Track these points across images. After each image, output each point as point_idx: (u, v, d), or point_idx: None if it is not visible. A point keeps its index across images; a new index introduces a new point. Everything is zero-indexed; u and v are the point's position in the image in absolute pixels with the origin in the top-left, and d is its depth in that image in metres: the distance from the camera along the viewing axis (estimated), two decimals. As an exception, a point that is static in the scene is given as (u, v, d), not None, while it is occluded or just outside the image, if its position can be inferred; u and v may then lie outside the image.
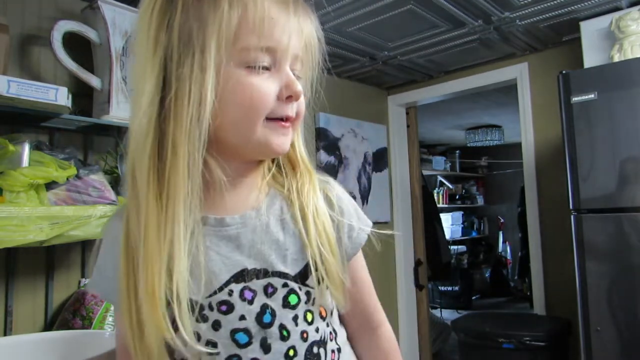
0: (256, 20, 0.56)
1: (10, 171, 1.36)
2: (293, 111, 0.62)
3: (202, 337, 0.58)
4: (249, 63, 0.57)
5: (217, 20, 0.56)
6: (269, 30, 0.58)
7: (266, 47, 0.58)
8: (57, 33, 1.59)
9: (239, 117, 0.58)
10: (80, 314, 1.57)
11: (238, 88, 0.57)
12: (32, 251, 1.64)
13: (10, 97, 1.37)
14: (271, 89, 0.59)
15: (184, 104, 0.55)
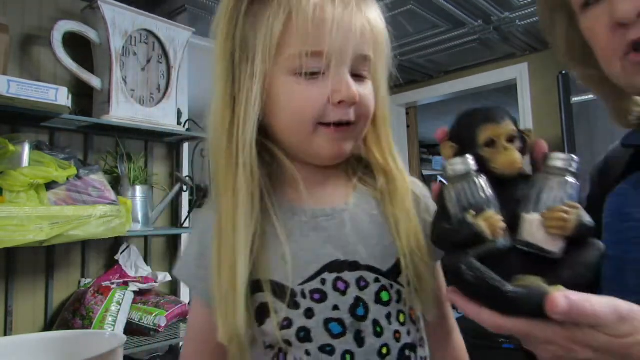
0: (300, 26, 0.56)
1: (10, 171, 1.36)
2: (349, 115, 0.59)
3: (294, 323, 0.58)
4: (296, 70, 0.57)
5: (262, 30, 0.58)
6: (316, 34, 0.56)
7: (312, 52, 0.56)
8: (57, 33, 1.59)
9: (288, 124, 0.60)
10: (80, 314, 1.57)
11: (284, 95, 0.59)
12: (32, 251, 1.64)
13: (10, 97, 1.37)
14: (316, 95, 0.57)
15: (241, 108, 0.59)
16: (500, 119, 0.51)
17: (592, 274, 0.45)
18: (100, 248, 1.82)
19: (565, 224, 0.45)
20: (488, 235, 0.45)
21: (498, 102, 3.91)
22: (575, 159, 0.48)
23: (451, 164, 0.49)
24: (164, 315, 1.65)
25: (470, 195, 0.47)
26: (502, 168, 0.49)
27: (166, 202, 1.93)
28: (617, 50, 0.53)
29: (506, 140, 0.50)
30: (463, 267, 0.45)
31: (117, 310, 1.58)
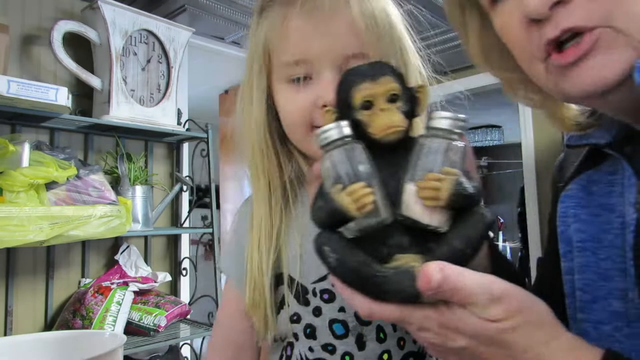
0: (283, 35, 0.59)
1: (10, 171, 1.36)
2: None
3: (302, 319, 0.61)
4: (288, 77, 0.60)
5: (254, 40, 0.63)
6: (297, 42, 0.58)
7: (294, 60, 0.58)
8: (57, 33, 1.59)
9: (288, 128, 0.63)
10: (80, 314, 1.57)
11: (281, 102, 0.62)
12: (32, 251, 1.64)
13: (11, 97, 1.37)
14: (304, 100, 0.59)
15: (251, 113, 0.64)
16: (378, 75, 0.44)
17: (472, 248, 0.40)
18: (100, 248, 1.82)
19: (438, 194, 0.39)
20: (352, 211, 0.39)
21: (498, 102, 3.91)
22: (461, 117, 0.42)
23: (322, 130, 0.43)
24: (164, 315, 1.65)
25: (341, 166, 0.42)
26: (378, 132, 0.43)
27: (166, 202, 1.93)
28: (536, 51, 0.45)
29: (387, 101, 0.44)
30: (325, 249, 0.41)
31: (117, 310, 1.58)
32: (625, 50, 0.40)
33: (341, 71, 0.58)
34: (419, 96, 0.46)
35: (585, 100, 0.47)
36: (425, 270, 0.37)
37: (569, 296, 0.51)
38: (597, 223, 0.50)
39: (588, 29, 0.40)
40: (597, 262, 0.49)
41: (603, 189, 0.51)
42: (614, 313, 0.46)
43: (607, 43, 0.40)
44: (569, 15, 0.41)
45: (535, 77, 0.48)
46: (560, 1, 0.41)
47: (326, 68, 0.58)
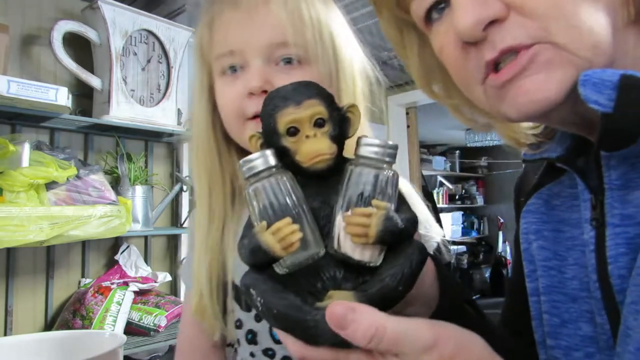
0: (213, 30, 0.62)
1: (10, 171, 1.36)
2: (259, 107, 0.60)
3: (244, 325, 0.62)
4: (223, 70, 0.62)
5: (195, 36, 0.66)
6: (227, 34, 0.60)
7: (227, 50, 0.60)
8: (57, 33, 1.59)
9: (225, 123, 0.64)
10: (80, 314, 1.57)
11: (218, 95, 0.63)
12: (32, 251, 1.64)
13: (11, 97, 1.37)
14: (234, 91, 0.61)
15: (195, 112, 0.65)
16: (303, 98, 0.41)
17: (404, 285, 0.38)
18: (100, 248, 1.82)
19: (366, 231, 0.37)
20: (277, 251, 0.37)
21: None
22: (390, 144, 0.40)
23: (246, 161, 0.40)
24: (164, 315, 1.65)
25: (266, 200, 0.39)
26: (305, 161, 0.40)
27: (166, 202, 1.93)
28: (474, 73, 0.42)
29: (313, 125, 0.41)
30: (252, 292, 0.38)
31: (117, 310, 1.58)
32: (565, 67, 0.37)
33: (269, 60, 0.60)
34: (350, 116, 0.43)
35: (528, 119, 0.45)
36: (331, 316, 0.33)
37: (535, 319, 0.49)
38: (561, 240, 0.47)
39: (525, 46, 0.38)
40: (564, 281, 0.46)
41: (565, 203, 0.48)
42: (585, 337, 0.44)
43: (546, 59, 0.37)
44: (505, 34, 0.38)
45: (476, 100, 0.45)
46: (494, 21, 0.38)
47: (253, 57, 0.59)
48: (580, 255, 0.45)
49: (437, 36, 0.45)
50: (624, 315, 0.37)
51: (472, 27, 0.38)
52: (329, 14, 0.65)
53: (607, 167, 0.40)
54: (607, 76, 0.35)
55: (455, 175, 6.21)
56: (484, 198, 6.55)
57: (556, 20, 0.37)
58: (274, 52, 0.60)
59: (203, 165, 0.64)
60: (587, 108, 0.36)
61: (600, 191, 0.41)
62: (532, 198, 0.51)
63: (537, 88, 0.38)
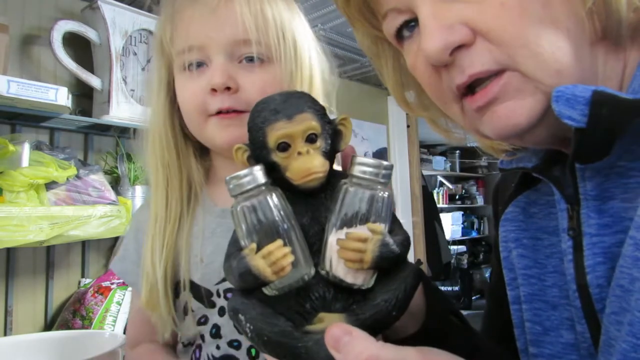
0: (176, 25, 0.61)
1: (10, 171, 1.36)
2: (226, 103, 0.59)
3: (210, 320, 0.61)
4: (183, 65, 0.61)
5: (155, 37, 0.65)
6: (189, 30, 0.60)
7: (189, 46, 0.60)
8: (57, 33, 1.59)
9: (185, 117, 0.63)
10: (80, 314, 1.57)
11: (179, 91, 0.63)
12: (32, 251, 1.64)
13: (10, 97, 1.37)
14: (197, 86, 0.60)
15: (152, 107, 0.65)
16: (295, 112, 0.39)
17: (398, 309, 0.37)
18: (100, 248, 1.82)
19: (362, 256, 0.36)
20: (269, 276, 0.35)
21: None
22: (385, 164, 0.38)
23: (233, 177, 0.38)
24: (164, 315, 1.65)
25: (255, 219, 0.37)
26: (297, 179, 0.39)
27: (166, 202, 1.92)
28: (448, 93, 0.42)
29: (305, 141, 0.39)
30: (241, 318, 0.36)
31: (117, 310, 1.58)
32: (534, 94, 0.38)
33: (232, 57, 0.60)
34: (342, 129, 0.42)
35: (504, 140, 0.46)
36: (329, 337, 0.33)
37: (517, 327, 0.48)
38: (540, 247, 0.47)
39: (494, 72, 0.38)
40: (544, 289, 0.46)
41: (542, 211, 0.49)
42: (566, 345, 0.44)
43: (515, 88, 0.38)
44: (472, 60, 0.39)
45: (452, 116, 0.46)
46: (460, 46, 0.39)
47: (216, 53, 0.59)
48: (559, 263, 0.45)
49: (409, 54, 0.45)
50: (604, 326, 0.38)
51: (439, 52, 0.39)
52: (291, 15, 0.65)
53: (582, 179, 0.40)
54: (579, 92, 0.36)
55: (455, 175, 6.21)
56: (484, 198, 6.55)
57: (520, 49, 0.37)
58: (237, 50, 0.60)
59: (160, 161, 0.64)
60: (560, 125, 0.37)
61: (576, 201, 0.41)
62: (510, 206, 0.51)
63: (509, 115, 0.39)
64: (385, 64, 0.53)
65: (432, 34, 0.39)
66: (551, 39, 0.37)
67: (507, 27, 0.37)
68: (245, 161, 0.41)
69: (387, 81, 0.54)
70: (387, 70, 0.53)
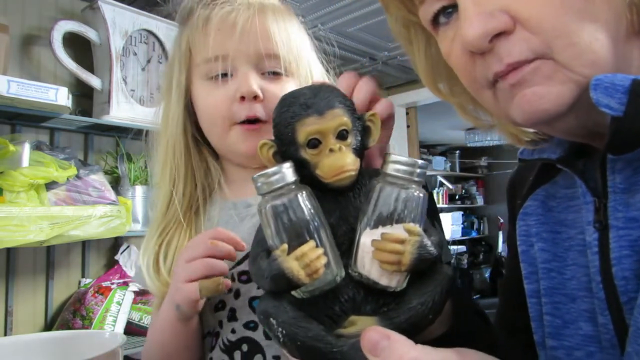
0: (205, 33, 0.63)
1: (10, 171, 1.36)
2: (254, 111, 0.62)
3: (227, 305, 0.63)
4: (207, 75, 0.63)
5: (178, 41, 0.67)
6: (218, 39, 0.62)
7: (214, 56, 0.62)
8: (57, 33, 1.59)
9: (206, 125, 0.66)
10: (80, 314, 1.57)
11: (200, 100, 0.65)
12: (32, 251, 1.64)
13: (11, 97, 1.37)
14: (223, 95, 0.62)
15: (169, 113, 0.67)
16: (326, 107, 0.38)
17: (434, 312, 0.36)
18: (100, 248, 1.82)
19: (399, 259, 0.35)
20: (302, 278, 0.34)
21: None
22: (420, 163, 0.37)
23: (263, 175, 0.36)
24: (164, 315, 1.65)
25: (286, 219, 0.36)
26: (328, 176, 0.37)
27: (166, 202, 1.92)
28: (482, 79, 0.42)
29: (335, 137, 0.38)
30: (272, 322, 0.35)
31: (117, 310, 1.58)
32: (565, 83, 0.38)
33: (257, 69, 0.63)
34: (370, 126, 0.41)
35: (533, 127, 0.46)
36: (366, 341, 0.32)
37: (535, 320, 0.48)
38: (559, 241, 0.47)
39: (530, 61, 0.38)
40: (564, 282, 0.46)
41: (561, 204, 0.48)
42: (585, 337, 0.44)
43: (546, 74, 0.38)
44: (510, 49, 0.38)
45: (484, 103, 0.45)
46: (500, 34, 0.38)
47: (243, 64, 0.62)
48: (578, 256, 0.45)
49: (444, 40, 0.45)
50: (634, 317, 0.38)
51: (479, 39, 0.38)
52: (302, 31, 0.69)
53: (611, 171, 0.40)
54: (618, 80, 0.36)
55: (455, 175, 6.20)
56: (484, 198, 6.55)
57: (558, 38, 0.37)
58: (262, 63, 0.63)
59: (170, 165, 0.66)
60: (591, 116, 0.37)
61: (603, 194, 0.41)
62: (529, 200, 0.50)
63: (537, 100, 0.39)
64: (417, 50, 0.53)
65: (472, 20, 0.38)
66: (590, 30, 0.37)
67: (547, 16, 0.37)
68: (270, 158, 0.40)
69: (418, 67, 0.54)
70: (419, 56, 0.53)
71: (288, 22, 0.66)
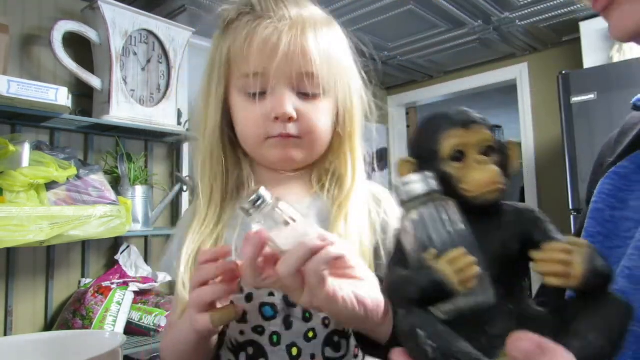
0: (245, 49, 0.63)
1: (10, 171, 1.36)
2: (287, 130, 0.63)
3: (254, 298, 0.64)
4: (245, 89, 0.64)
5: (219, 51, 0.67)
6: (257, 56, 0.62)
7: (254, 73, 0.62)
8: (57, 33, 1.59)
9: (242, 135, 0.67)
10: (80, 314, 1.57)
11: (237, 112, 0.67)
12: (33, 251, 1.64)
13: (11, 97, 1.37)
14: (260, 114, 0.63)
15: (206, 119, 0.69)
16: (470, 122, 0.37)
17: (613, 346, 0.31)
18: (100, 248, 1.82)
19: (568, 270, 0.31)
20: (455, 285, 0.31)
21: (498, 102, 3.91)
22: None
23: (405, 183, 0.35)
24: (164, 315, 1.65)
25: (431, 228, 0.34)
26: (474, 190, 0.35)
27: (166, 202, 1.93)
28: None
29: (479, 152, 0.37)
30: (420, 334, 0.31)
31: (117, 310, 1.58)
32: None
33: (293, 89, 0.63)
34: (510, 154, 0.39)
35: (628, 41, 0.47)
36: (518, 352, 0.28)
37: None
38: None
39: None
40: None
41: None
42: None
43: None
44: None
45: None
46: None
47: (280, 83, 0.63)
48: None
49: None
50: None
51: None
52: (341, 44, 0.68)
53: None
54: None
55: (455, 175, 6.20)
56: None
57: None
58: (301, 82, 0.63)
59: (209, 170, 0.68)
60: None
61: None
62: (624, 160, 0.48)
63: (620, 19, 0.43)
64: None
65: None
66: None
67: None
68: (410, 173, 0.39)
69: None
70: None
71: (331, 38, 0.66)
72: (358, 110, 0.71)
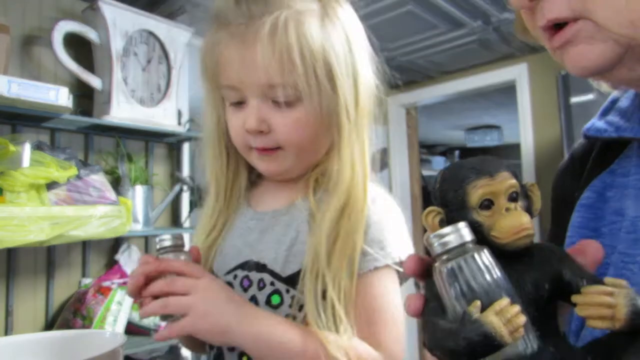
0: (217, 63, 0.64)
1: (11, 171, 1.36)
2: (257, 143, 0.63)
3: None
4: (227, 99, 0.66)
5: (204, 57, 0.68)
6: (227, 69, 0.63)
7: (228, 85, 0.63)
8: (58, 33, 1.60)
9: (234, 144, 0.68)
10: (81, 313, 1.57)
11: (227, 119, 0.68)
12: (33, 251, 1.64)
13: (11, 97, 1.37)
14: (238, 124, 0.64)
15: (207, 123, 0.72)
16: (495, 170, 0.38)
17: None
18: (100, 248, 1.83)
19: (612, 313, 0.31)
20: (505, 337, 0.30)
21: (497, 102, 3.91)
22: None
23: (439, 235, 0.35)
24: (164, 315, 1.66)
25: (471, 278, 0.33)
26: (506, 237, 0.36)
27: (166, 202, 1.93)
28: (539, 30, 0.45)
29: (507, 199, 0.37)
30: None
31: (118, 310, 1.59)
32: (606, 42, 0.40)
33: (266, 98, 0.62)
34: (531, 195, 0.40)
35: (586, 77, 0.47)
36: None
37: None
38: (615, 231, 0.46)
39: (570, 19, 0.41)
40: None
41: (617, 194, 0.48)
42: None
43: (587, 34, 0.41)
44: (551, 7, 0.42)
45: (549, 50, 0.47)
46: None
47: (252, 95, 0.62)
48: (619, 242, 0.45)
49: None
50: None
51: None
52: (329, 39, 0.63)
53: None
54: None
55: (455, 176, 6.20)
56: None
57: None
58: (269, 92, 0.62)
59: (211, 171, 0.72)
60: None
61: None
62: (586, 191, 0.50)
63: (579, 58, 0.43)
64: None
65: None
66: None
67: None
68: (436, 225, 0.39)
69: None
70: None
71: (294, 39, 0.60)
72: (366, 104, 0.70)
